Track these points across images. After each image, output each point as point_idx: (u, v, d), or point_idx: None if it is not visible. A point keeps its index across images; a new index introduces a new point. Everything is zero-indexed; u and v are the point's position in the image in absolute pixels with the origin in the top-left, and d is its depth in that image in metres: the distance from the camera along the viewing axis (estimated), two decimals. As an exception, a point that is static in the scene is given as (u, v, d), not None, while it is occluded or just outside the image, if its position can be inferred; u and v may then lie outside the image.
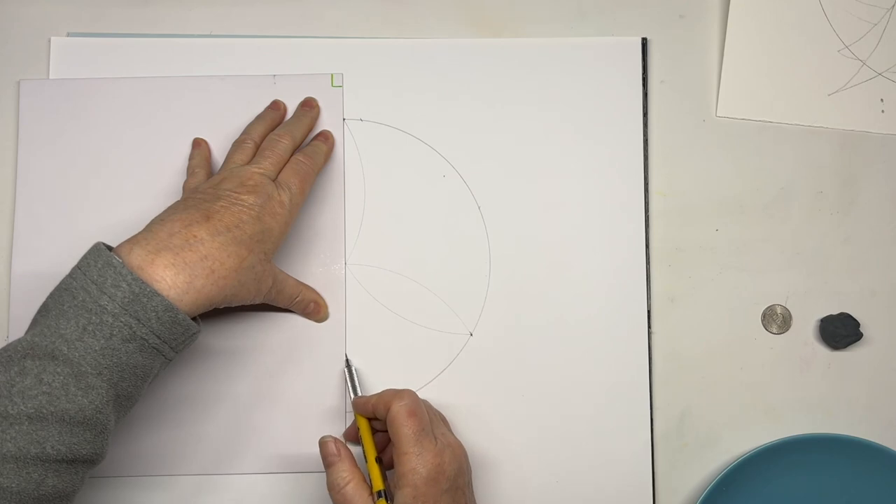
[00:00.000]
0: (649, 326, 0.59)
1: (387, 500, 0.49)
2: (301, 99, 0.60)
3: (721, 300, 0.60)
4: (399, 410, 0.49)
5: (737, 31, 0.62)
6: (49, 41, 0.62)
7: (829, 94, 0.62)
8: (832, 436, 0.57)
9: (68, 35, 0.62)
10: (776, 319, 0.60)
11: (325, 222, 0.60)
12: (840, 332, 0.59)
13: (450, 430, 0.54)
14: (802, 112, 0.62)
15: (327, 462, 0.51)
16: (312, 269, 0.59)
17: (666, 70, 0.62)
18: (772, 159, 0.61)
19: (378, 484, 0.50)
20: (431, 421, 0.51)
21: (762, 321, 0.60)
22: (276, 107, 0.60)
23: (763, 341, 0.60)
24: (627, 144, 0.61)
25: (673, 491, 0.58)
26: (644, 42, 0.62)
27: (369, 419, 0.53)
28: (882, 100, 0.61)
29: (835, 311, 0.59)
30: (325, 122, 0.61)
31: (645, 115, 0.61)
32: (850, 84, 0.62)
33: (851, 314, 0.59)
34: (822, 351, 0.60)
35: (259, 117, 0.59)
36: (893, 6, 0.62)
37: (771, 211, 0.61)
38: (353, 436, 0.56)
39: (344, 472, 0.50)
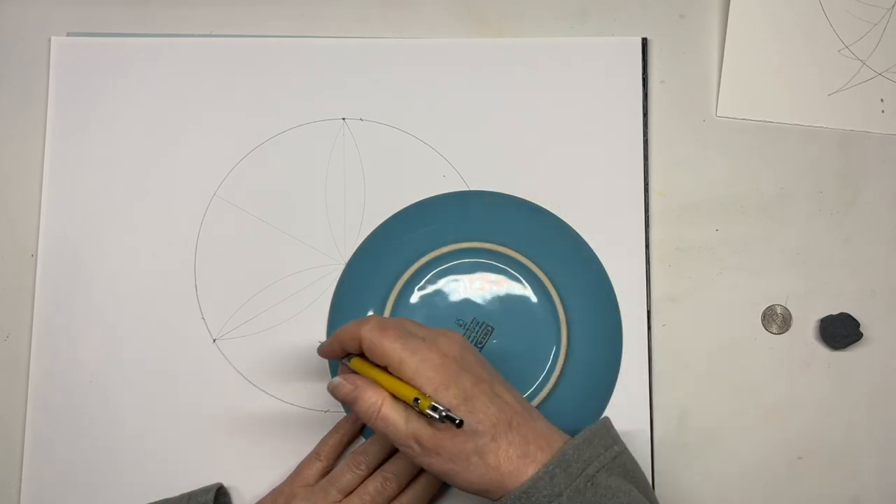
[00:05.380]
0: (649, 326, 0.59)
1: (426, 397, 0.45)
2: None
3: (721, 300, 0.60)
4: (371, 332, 0.47)
5: (737, 31, 0.62)
6: (49, 41, 0.62)
7: (829, 94, 0.62)
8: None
9: (68, 35, 0.62)
10: (776, 319, 0.60)
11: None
12: (840, 332, 0.59)
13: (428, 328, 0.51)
14: (802, 112, 0.62)
15: (350, 399, 0.48)
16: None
17: (666, 70, 0.62)
18: (772, 159, 0.61)
19: (408, 392, 0.46)
20: (405, 327, 0.49)
21: (762, 321, 0.60)
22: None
23: (763, 341, 0.60)
24: (627, 144, 0.61)
25: (673, 491, 0.58)
26: (644, 42, 0.62)
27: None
28: (882, 100, 0.61)
29: (835, 311, 0.59)
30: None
31: (645, 115, 0.61)
32: (850, 84, 0.62)
33: (851, 314, 0.59)
34: (822, 351, 0.60)
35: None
36: (893, 6, 0.62)
37: (771, 211, 0.61)
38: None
39: (371, 397, 0.47)
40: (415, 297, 0.58)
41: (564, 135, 0.61)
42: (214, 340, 0.59)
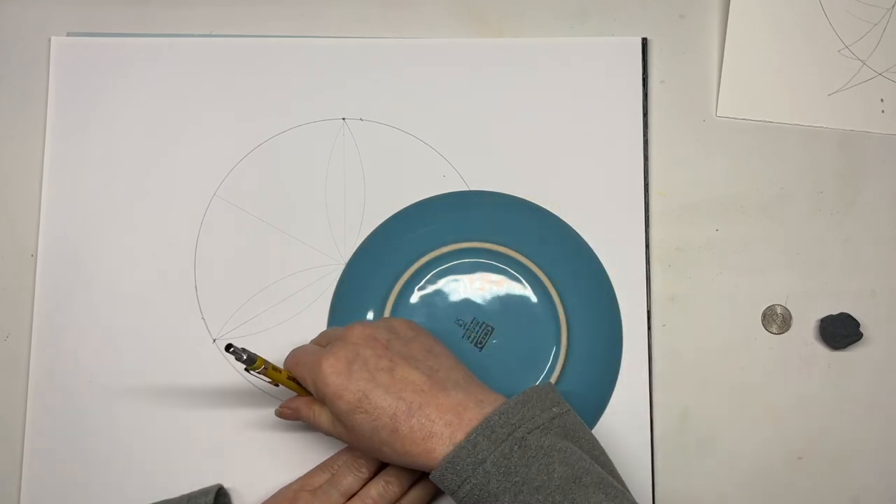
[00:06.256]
0: (649, 326, 0.59)
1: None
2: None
3: (721, 300, 0.60)
4: (287, 363, 0.53)
5: (737, 31, 0.62)
6: (49, 41, 0.62)
7: (829, 94, 0.62)
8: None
9: (68, 35, 0.62)
10: (776, 319, 0.60)
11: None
12: (840, 332, 0.59)
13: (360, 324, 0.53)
14: (802, 112, 0.62)
15: (294, 418, 0.54)
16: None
17: (666, 70, 0.62)
18: (772, 159, 0.61)
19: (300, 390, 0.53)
20: (324, 337, 0.54)
21: (762, 321, 0.60)
22: None
23: (763, 341, 0.60)
24: (627, 144, 0.61)
25: (673, 491, 0.58)
26: (644, 42, 0.62)
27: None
28: (882, 100, 0.61)
29: (835, 311, 0.59)
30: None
31: (645, 115, 0.61)
32: (850, 84, 0.62)
33: (851, 314, 0.59)
34: (822, 351, 0.60)
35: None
36: (893, 6, 0.62)
37: (771, 211, 0.61)
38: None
39: (306, 411, 0.53)
40: (415, 297, 0.58)
41: (564, 135, 0.61)
42: (214, 340, 0.59)
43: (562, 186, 0.61)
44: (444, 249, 0.59)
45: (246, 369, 0.50)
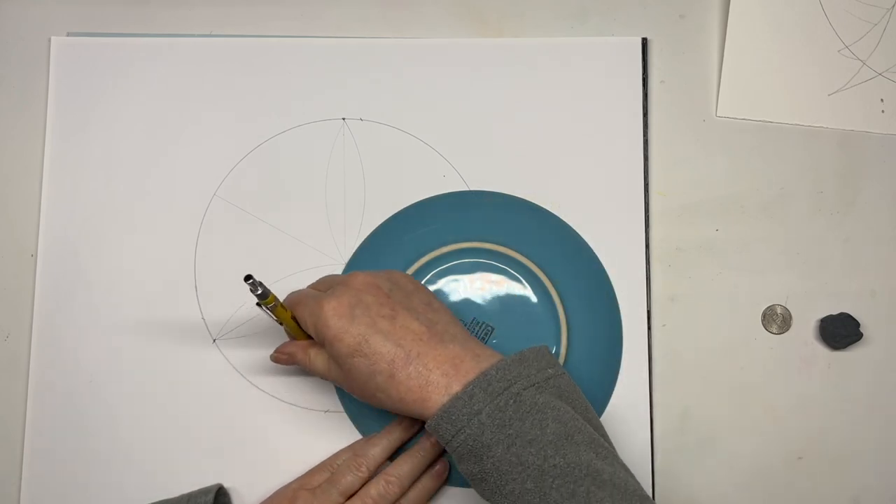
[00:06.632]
0: (649, 326, 0.59)
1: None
2: None
3: (721, 300, 0.60)
4: (288, 301, 0.54)
5: (737, 31, 0.62)
6: (49, 41, 0.62)
7: (829, 94, 0.62)
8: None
9: (68, 35, 0.62)
10: (776, 319, 0.60)
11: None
12: (840, 332, 0.59)
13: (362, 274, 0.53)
14: (802, 112, 0.62)
15: (290, 363, 0.55)
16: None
17: (666, 70, 0.62)
18: (772, 159, 0.61)
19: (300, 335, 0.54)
20: (324, 282, 0.55)
21: (762, 321, 0.60)
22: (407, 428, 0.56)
23: (763, 341, 0.60)
24: (627, 144, 0.61)
25: (673, 491, 0.58)
26: (644, 42, 0.62)
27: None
28: (882, 100, 0.61)
29: (835, 311, 0.59)
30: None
31: (645, 115, 0.61)
32: (850, 84, 0.62)
33: (851, 314, 0.59)
34: (822, 351, 0.60)
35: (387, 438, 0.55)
36: (893, 6, 0.62)
37: (771, 211, 0.61)
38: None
39: (301, 355, 0.54)
40: (415, 297, 0.58)
41: (564, 135, 0.61)
42: (214, 340, 0.59)
43: (562, 186, 0.61)
44: (444, 249, 0.59)
45: (258, 303, 0.51)
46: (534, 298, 0.58)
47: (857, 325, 0.59)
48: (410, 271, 0.58)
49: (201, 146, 0.61)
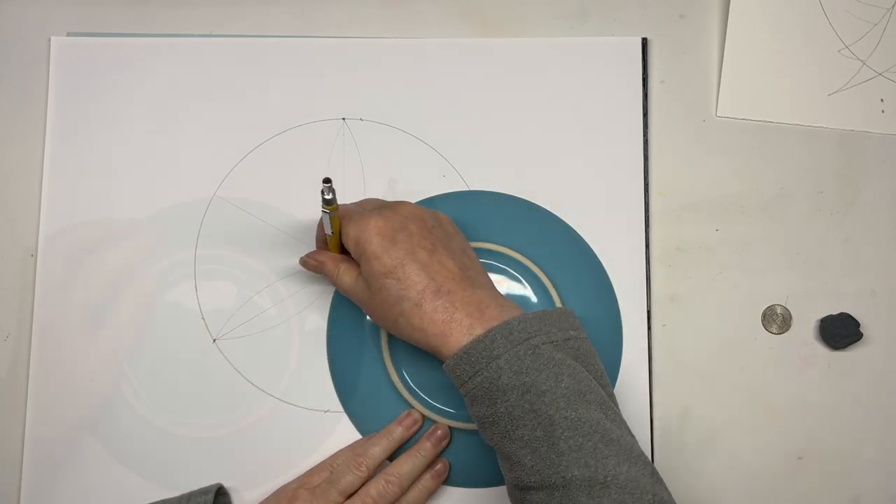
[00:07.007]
0: (649, 326, 0.59)
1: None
2: None
3: (721, 300, 0.60)
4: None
5: (737, 31, 0.62)
6: (49, 41, 0.62)
7: (829, 94, 0.62)
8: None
9: (68, 35, 0.62)
10: (776, 319, 0.60)
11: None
12: (840, 332, 0.59)
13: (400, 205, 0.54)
14: (802, 112, 0.62)
15: (317, 270, 0.56)
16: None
17: (666, 70, 0.62)
18: (772, 159, 0.61)
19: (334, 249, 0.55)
20: (370, 204, 0.55)
21: (762, 321, 0.60)
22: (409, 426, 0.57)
23: (763, 341, 0.60)
24: (627, 144, 0.61)
25: (673, 491, 0.58)
26: (644, 42, 0.62)
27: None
28: (882, 100, 0.61)
29: (835, 311, 0.59)
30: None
31: (645, 115, 0.61)
32: (850, 84, 0.62)
33: (851, 314, 0.59)
34: (822, 351, 0.60)
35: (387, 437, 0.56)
36: (893, 6, 0.62)
37: (771, 211, 0.61)
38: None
39: (330, 265, 0.54)
40: (415, 297, 0.58)
41: (564, 135, 0.61)
42: (214, 340, 0.59)
43: (562, 186, 0.61)
44: (444, 249, 0.59)
45: (323, 209, 0.51)
46: (534, 298, 0.58)
47: (857, 325, 0.59)
48: None
49: (201, 146, 0.61)
